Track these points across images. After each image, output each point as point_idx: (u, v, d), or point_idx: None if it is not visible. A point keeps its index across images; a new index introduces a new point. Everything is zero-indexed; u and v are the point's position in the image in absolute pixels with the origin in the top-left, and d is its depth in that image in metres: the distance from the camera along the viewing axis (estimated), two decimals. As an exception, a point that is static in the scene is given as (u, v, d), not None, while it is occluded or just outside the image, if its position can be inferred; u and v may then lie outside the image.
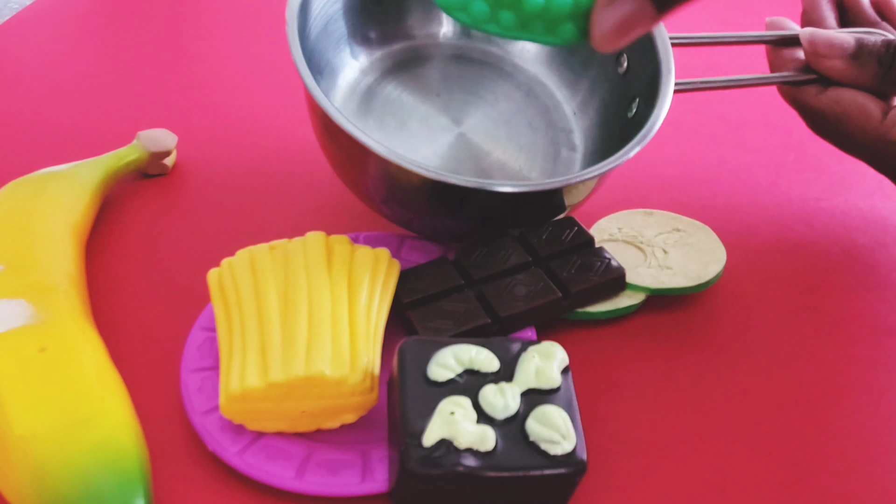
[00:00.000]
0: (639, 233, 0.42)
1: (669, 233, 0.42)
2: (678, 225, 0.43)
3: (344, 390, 0.31)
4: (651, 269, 0.40)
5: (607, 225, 0.43)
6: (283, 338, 0.32)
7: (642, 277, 0.39)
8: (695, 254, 0.41)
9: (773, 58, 0.45)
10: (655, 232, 0.42)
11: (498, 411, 0.29)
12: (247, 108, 0.54)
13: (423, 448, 0.28)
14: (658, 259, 0.40)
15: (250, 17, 0.65)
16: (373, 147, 0.35)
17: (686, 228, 0.42)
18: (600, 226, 0.43)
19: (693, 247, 0.41)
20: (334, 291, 0.34)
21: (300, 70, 0.36)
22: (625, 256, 0.41)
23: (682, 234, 0.42)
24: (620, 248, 0.42)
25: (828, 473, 0.34)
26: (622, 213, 0.44)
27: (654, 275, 0.40)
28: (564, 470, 0.29)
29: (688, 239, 0.42)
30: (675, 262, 0.40)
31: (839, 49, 0.41)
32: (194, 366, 0.35)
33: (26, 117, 0.53)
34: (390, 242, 0.42)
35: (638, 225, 0.43)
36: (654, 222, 0.43)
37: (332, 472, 0.32)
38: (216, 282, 0.35)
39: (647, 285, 0.39)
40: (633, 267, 0.40)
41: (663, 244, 0.41)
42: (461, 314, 0.36)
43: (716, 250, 0.41)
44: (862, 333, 0.40)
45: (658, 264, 0.40)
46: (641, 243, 0.42)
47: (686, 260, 0.40)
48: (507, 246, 0.39)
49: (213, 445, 0.32)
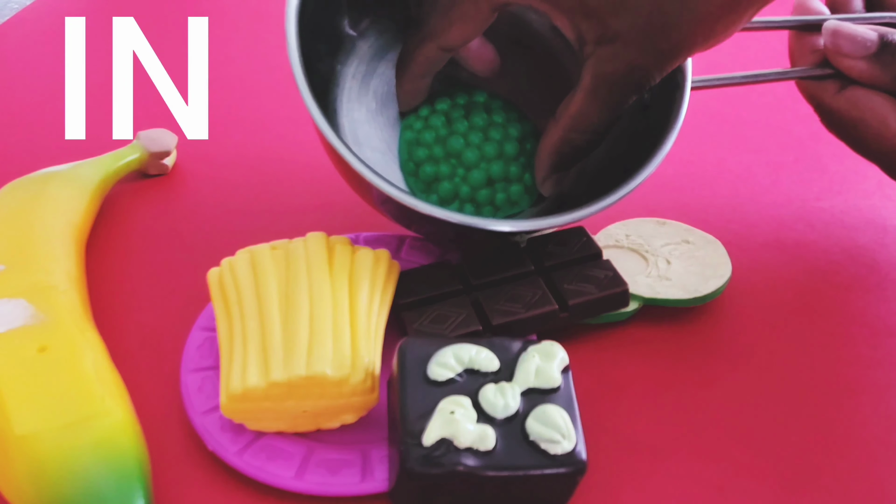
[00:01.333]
0: (646, 241, 0.42)
1: (677, 244, 0.42)
2: (689, 237, 0.42)
3: (345, 390, 0.31)
4: (649, 278, 0.40)
5: (616, 231, 0.43)
6: (285, 337, 0.32)
7: (638, 286, 0.39)
8: (698, 267, 0.40)
9: (795, 45, 0.43)
10: (663, 242, 0.42)
11: (498, 411, 0.29)
12: (247, 108, 0.54)
13: (423, 447, 0.28)
14: (659, 269, 0.40)
15: (251, 18, 0.65)
16: (375, 182, 0.35)
17: (696, 241, 0.42)
18: (609, 231, 0.43)
19: (698, 260, 0.41)
20: (335, 291, 0.34)
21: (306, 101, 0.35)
22: (627, 264, 0.41)
23: (690, 247, 0.41)
24: (624, 254, 0.41)
25: (828, 473, 0.34)
26: (634, 221, 0.43)
27: (651, 284, 0.39)
28: (565, 469, 0.29)
29: (695, 252, 0.41)
30: (675, 274, 0.40)
31: (861, 48, 0.39)
32: (194, 366, 0.35)
33: (26, 117, 0.53)
34: (390, 243, 0.42)
35: (647, 233, 0.42)
36: (665, 232, 0.42)
37: (332, 471, 0.32)
38: (216, 281, 0.35)
39: (640, 294, 0.39)
40: (633, 275, 0.40)
41: (668, 255, 0.41)
42: (454, 319, 0.35)
43: (720, 266, 0.40)
44: (862, 333, 0.40)
45: (658, 274, 0.40)
46: (647, 252, 0.41)
47: (687, 273, 0.40)
48: (512, 253, 0.38)
49: (212, 445, 0.32)
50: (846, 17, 0.42)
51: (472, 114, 0.42)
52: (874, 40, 0.39)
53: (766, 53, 0.63)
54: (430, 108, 0.42)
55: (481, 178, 0.40)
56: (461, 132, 0.41)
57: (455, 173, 0.41)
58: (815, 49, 0.42)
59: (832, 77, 0.41)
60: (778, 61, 0.62)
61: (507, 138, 0.41)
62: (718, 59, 0.61)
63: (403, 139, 0.42)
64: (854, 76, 0.40)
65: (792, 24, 0.43)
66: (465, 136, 0.41)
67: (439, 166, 0.41)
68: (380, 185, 0.35)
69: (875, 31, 0.40)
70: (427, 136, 0.41)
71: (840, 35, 0.40)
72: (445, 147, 0.41)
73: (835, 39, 0.40)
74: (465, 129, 0.41)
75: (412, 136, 0.41)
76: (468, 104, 0.42)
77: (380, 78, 0.43)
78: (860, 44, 0.39)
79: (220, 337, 0.34)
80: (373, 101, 0.43)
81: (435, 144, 0.41)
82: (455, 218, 0.35)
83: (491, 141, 0.41)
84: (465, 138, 0.41)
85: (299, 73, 0.36)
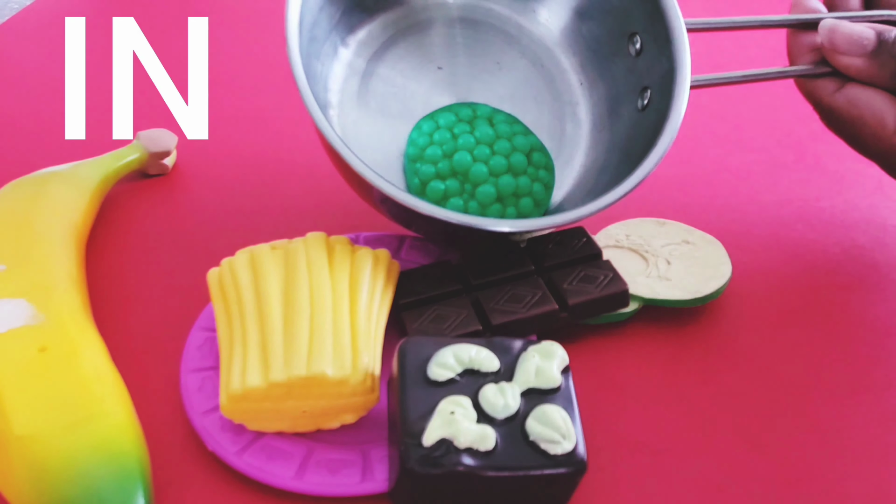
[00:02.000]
0: (646, 241, 0.42)
1: (678, 244, 0.41)
2: (689, 237, 0.42)
3: (345, 390, 0.31)
4: (650, 278, 0.39)
5: (616, 231, 0.43)
6: (285, 337, 0.32)
7: (638, 286, 0.39)
8: (698, 268, 0.40)
9: (792, 44, 0.43)
10: (663, 242, 0.42)
11: (498, 411, 0.29)
12: (247, 108, 0.54)
13: (423, 448, 0.28)
14: (659, 269, 0.40)
15: (251, 18, 0.65)
16: (375, 181, 0.35)
17: (696, 242, 0.42)
18: (609, 231, 0.43)
19: (698, 261, 0.40)
20: (335, 291, 0.34)
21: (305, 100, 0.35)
22: (627, 264, 0.41)
23: (691, 248, 0.41)
24: (624, 255, 0.41)
25: (828, 473, 0.34)
26: (634, 221, 0.43)
27: (651, 285, 0.39)
28: (565, 469, 0.29)
29: (695, 252, 0.41)
30: (675, 275, 0.40)
31: (858, 46, 0.39)
32: (194, 366, 0.35)
33: (26, 117, 0.53)
34: (390, 243, 0.42)
35: (647, 234, 0.42)
36: (665, 232, 0.42)
37: (332, 471, 0.32)
38: (216, 281, 0.35)
39: (641, 294, 0.39)
40: (633, 275, 0.40)
41: (668, 255, 0.41)
42: (454, 319, 0.35)
43: (720, 266, 0.40)
44: (862, 333, 0.40)
45: (658, 275, 0.40)
46: (646, 252, 0.41)
47: (687, 273, 0.40)
48: (512, 253, 0.38)
49: (212, 445, 0.32)
50: (843, 15, 0.42)
51: (477, 127, 0.41)
52: (871, 38, 0.39)
53: (764, 52, 0.63)
54: (434, 122, 0.42)
55: (491, 194, 0.40)
56: (467, 147, 0.41)
57: (463, 189, 0.40)
58: (813, 47, 0.42)
59: (830, 75, 0.41)
60: (777, 60, 0.62)
61: (514, 151, 0.41)
62: (718, 59, 0.61)
63: (407, 156, 0.42)
64: (852, 74, 0.40)
65: (789, 23, 0.43)
66: (471, 151, 0.41)
67: (446, 183, 0.40)
68: (380, 185, 0.35)
69: (872, 30, 0.39)
70: (432, 152, 0.41)
71: (837, 33, 0.40)
72: (452, 163, 0.40)
73: (832, 37, 0.40)
74: (472, 143, 0.41)
75: (416, 153, 0.41)
76: (472, 119, 0.42)
77: (379, 78, 0.43)
78: (857, 42, 0.39)
79: (220, 337, 0.33)
80: (372, 101, 0.43)
81: (441, 160, 0.41)
82: (455, 218, 0.35)
83: (498, 154, 0.41)
84: (472, 153, 0.41)
85: (299, 72, 0.36)
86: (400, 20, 0.45)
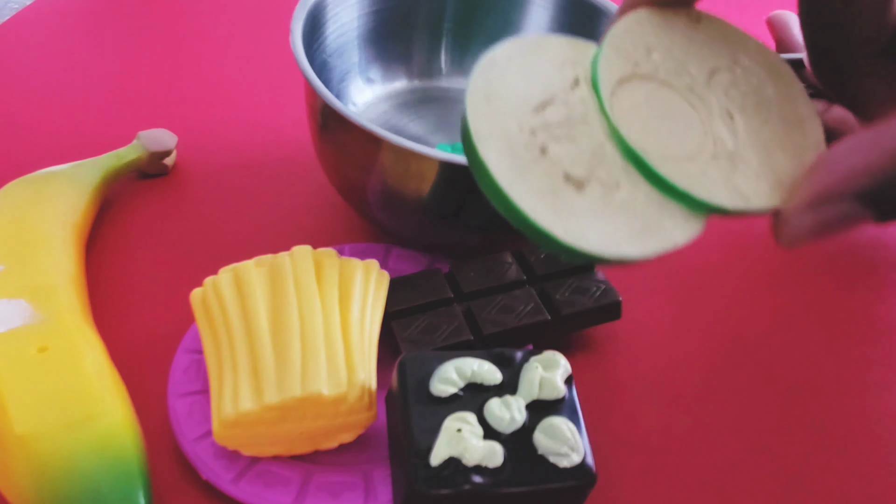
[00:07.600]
0: (681, 65, 0.23)
1: (727, 70, 0.23)
2: (741, 54, 0.23)
3: (342, 409, 0.30)
4: (719, 160, 0.21)
5: (627, 42, 0.23)
6: (276, 357, 0.30)
7: (713, 184, 0.21)
8: (781, 126, 0.22)
9: None
10: (707, 66, 0.23)
11: (504, 425, 0.29)
12: (247, 108, 0.54)
13: (430, 468, 0.27)
14: (724, 139, 0.22)
15: (251, 18, 0.65)
16: (382, 134, 0.34)
17: (754, 64, 0.23)
18: (616, 42, 0.23)
19: (773, 109, 0.22)
20: (325, 306, 0.32)
21: (302, 66, 0.36)
22: (668, 127, 0.21)
23: (750, 77, 0.23)
24: (658, 102, 0.22)
25: (828, 473, 0.34)
26: (645, 14, 0.23)
27: (727, 177, 0.21)
28: (575, 482, 0.28)
29: (763, 91, 0.23)
30: (750, 147, 0.22)
31: None
32: (182, 390, 0.34)
33: (26, 117, 0.53)
34: (377, 253, 0.41)
35: (679, 45, 0.23)
36: (703, 42, 0.23)
37: (334, 495, 0.30)
38: (200, 302, 0.34)
39: (721, 203, 0.20)
40: (689, 159, 0.21)
41: (726, 100, 0.22)
42: (445, 329, 0.35)
43: (806, 122, 0.22)
44: (862, 333, 0.40)
45: (727, 152, 0.22)
46: (691, 92, 0.22)
47: (767, 143, 0.22)
48: (503, 262, 0.38)
49: (206, 474, 0.31)
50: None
51: None
52: None
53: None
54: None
55: None
56: None
57: None
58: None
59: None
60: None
61: None
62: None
63: None
64: None
65: None
66: None
67: None
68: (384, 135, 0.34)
69: None
70: None
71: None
72: None
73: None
74: None
75: None
76: None
77: (377, 69, 0.45)
78: None
79: (209, 361, 0.32)
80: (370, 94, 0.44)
81: None
82: (458, 159, 0.34)
83: None
84: None
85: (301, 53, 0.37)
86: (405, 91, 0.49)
